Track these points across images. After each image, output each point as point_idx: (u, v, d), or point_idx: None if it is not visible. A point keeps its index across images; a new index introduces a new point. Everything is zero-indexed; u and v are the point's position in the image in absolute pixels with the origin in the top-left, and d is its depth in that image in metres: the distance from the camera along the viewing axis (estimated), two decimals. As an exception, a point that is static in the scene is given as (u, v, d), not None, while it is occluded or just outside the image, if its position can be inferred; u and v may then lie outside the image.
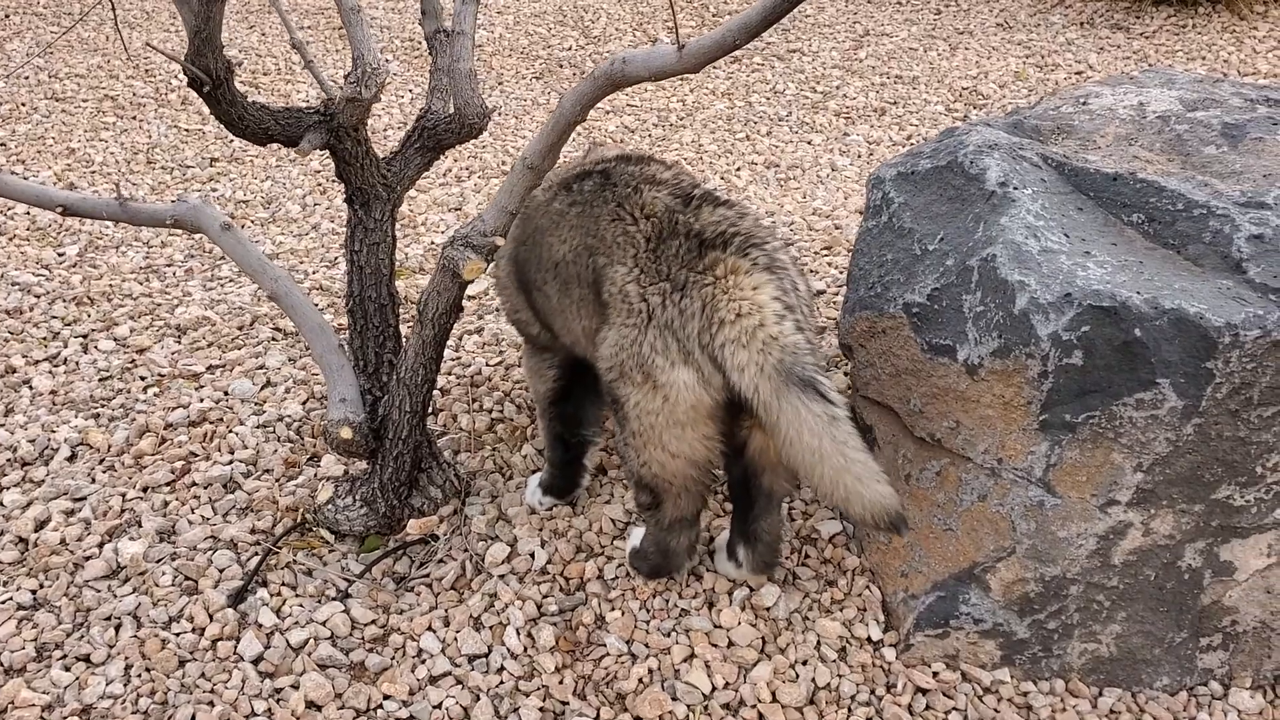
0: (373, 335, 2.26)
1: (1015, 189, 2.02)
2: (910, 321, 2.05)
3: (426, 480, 2.32)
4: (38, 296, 3.29)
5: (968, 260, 1.97)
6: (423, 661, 2.02)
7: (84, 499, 2.40)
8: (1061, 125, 2.36)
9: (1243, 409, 1.82)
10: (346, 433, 2.11)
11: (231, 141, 4.75)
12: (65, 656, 2.02)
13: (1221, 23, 5.98)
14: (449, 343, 2.91)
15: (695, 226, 1.88)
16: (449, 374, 2.78)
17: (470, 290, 3.31)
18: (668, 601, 2.12)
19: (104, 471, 2.50)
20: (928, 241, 2.10)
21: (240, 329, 3.13)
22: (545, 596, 2.15)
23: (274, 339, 3.06)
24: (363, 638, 2.07)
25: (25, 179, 4.26)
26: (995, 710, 1.98)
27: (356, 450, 2.17)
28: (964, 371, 1.95)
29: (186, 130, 4.89)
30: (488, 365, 2.82)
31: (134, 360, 2.97)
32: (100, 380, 2.87)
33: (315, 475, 2.45)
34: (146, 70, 5.55)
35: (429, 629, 2.08)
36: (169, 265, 3.62)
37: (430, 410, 2.66)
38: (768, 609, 2.10)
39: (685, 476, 1.92)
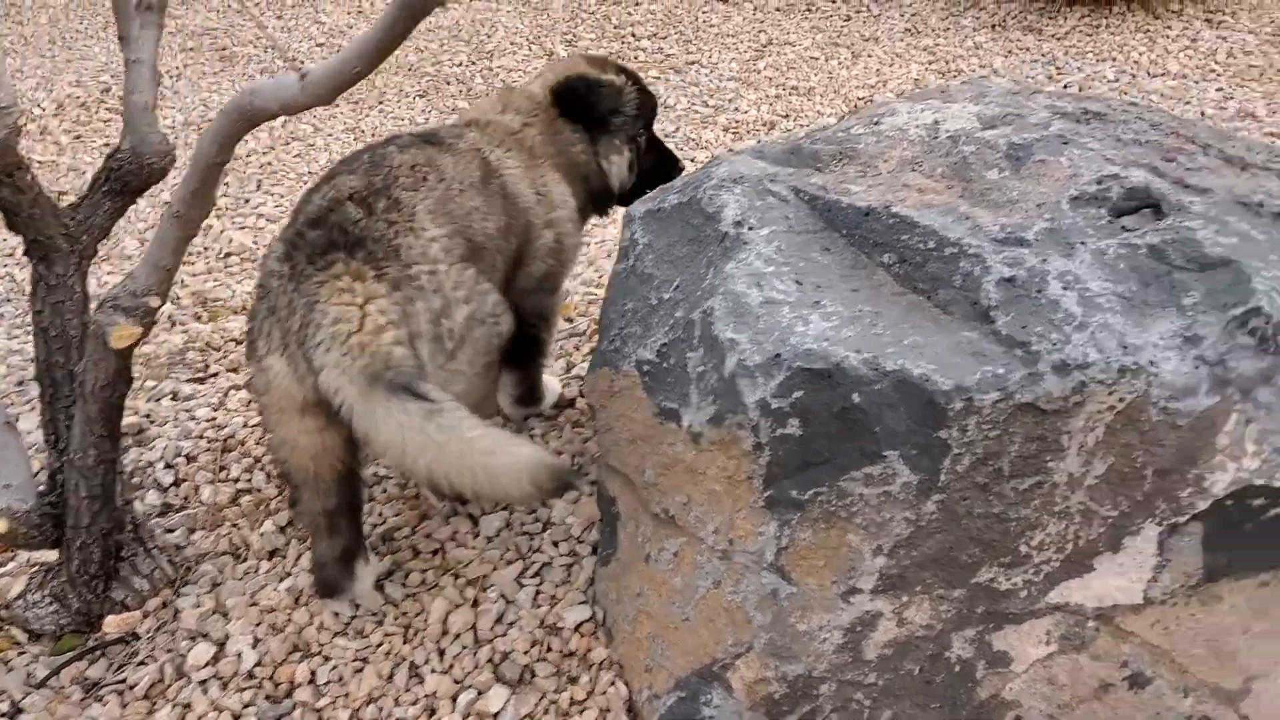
0: (62, 407, 1.99)
1: (751, 229, 1.77)
2: (642, 381, 1.79)
3: (130, 570, 2.05)
4: None
5: (692, 313, 1.71)
6: (86, 789, 1.76)
7: None
8: (845, 149, 2.11)
9: (993, 482, 1.56)
10: (2, 525, 1.84)
11: None
12: None
13: (1136, 22, 5.76)
14: (210, 398, 2.64)
15: (347, 221, 1.84)
16: (200, 437, 2.51)
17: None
18: (381, 710, 1.85)
19: None
20: (664, 289, 1.84)
21: None
22: (246, 706, 1.88)
23: None
24: (25, 761, 1.80)
25: None
26: (742, 829, 1.71)
27: (28, 543, 1.90)
28: (689, 440, 1.69)
29: None
30: (244, 426, 2.55)
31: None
32: None
33: (28, 562, 2.18)
34: None
35: (103, 748, 1.81)
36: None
37: (174, 480, 2.39)
38: (494, 715, 1.84)
39: (301, 467, 1.87)
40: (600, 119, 2.38)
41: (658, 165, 2.58)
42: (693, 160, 4.63)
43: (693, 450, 1.69)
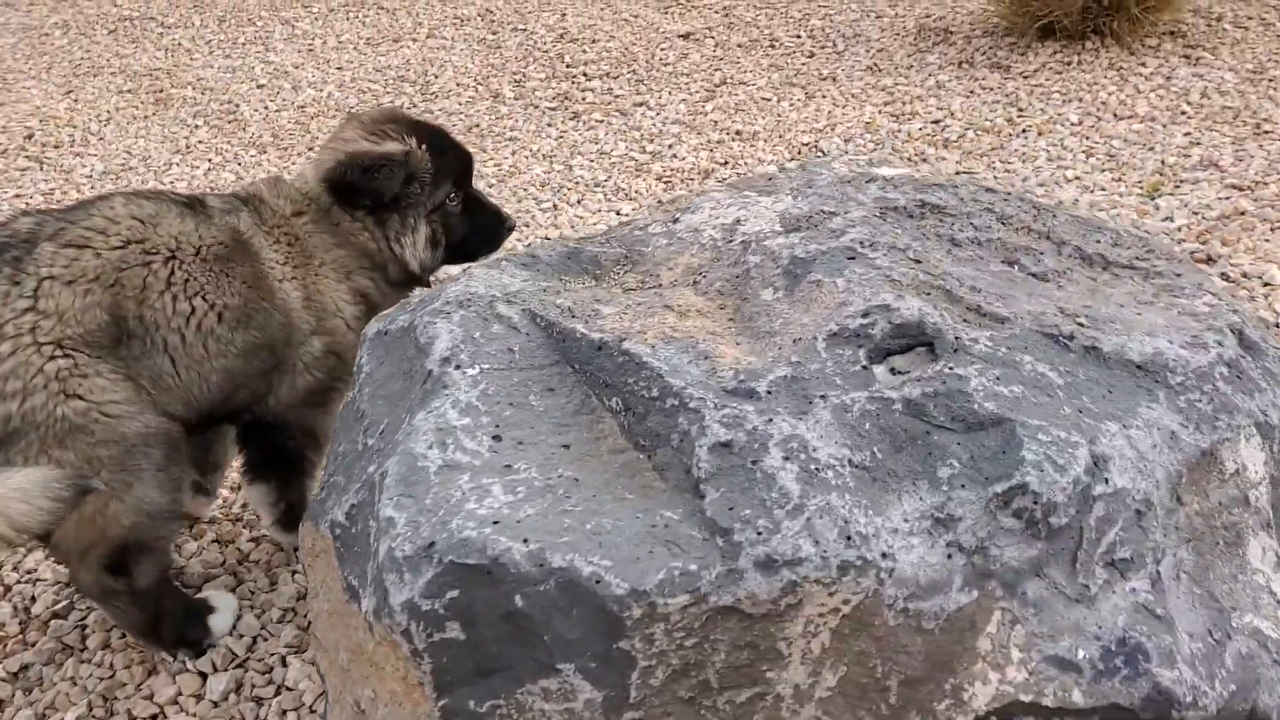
0: None
1: (458, 368, 1.50)
2: (335, 546, 1.53)
3: None
4: None
5: (378, 471, 1.45)
6: None
7: None
8: (633, 252, 1.84)
9: (700, 695, 1.28)
10: None
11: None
12: None
13: (1109, 58, 5.42)
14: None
15: None
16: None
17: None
18: None
19: None
20: (371, 432, 1.58)
21: None
22: None
23: None
24: None
25: None
26: None
27: None
28: (367, 628, 1.42)
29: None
30: None
31: None
32: None
33: None
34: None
35: None
36: None
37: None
38: None
39: None
40: (388, 199, 2.11)
41: (476, 229, 2.32)
42: (617, 213, 4.38)
43: (371, 641, 1.42)
